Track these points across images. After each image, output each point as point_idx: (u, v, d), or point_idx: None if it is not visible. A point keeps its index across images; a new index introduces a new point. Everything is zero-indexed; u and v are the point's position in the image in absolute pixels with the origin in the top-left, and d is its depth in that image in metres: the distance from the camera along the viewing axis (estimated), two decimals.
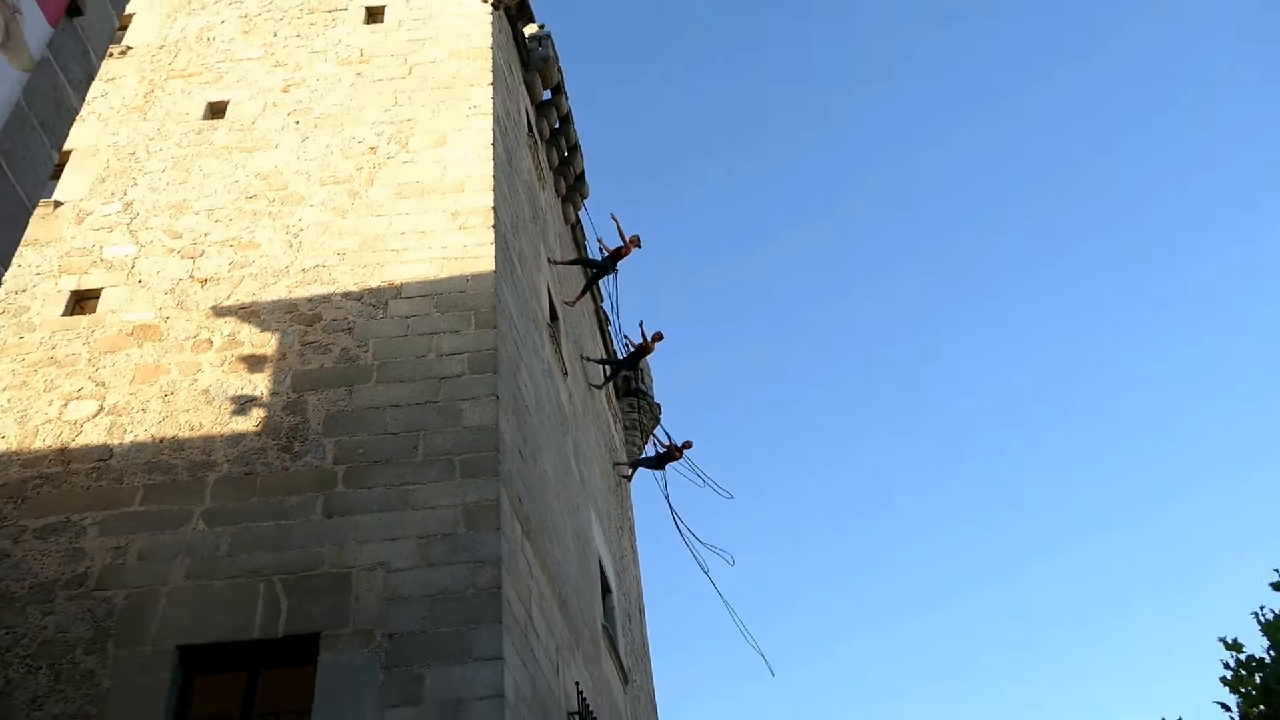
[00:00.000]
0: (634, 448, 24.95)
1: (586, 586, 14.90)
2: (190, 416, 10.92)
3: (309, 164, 13.78)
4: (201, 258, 12.58)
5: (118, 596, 9.47)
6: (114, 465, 10.53)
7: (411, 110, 14.56)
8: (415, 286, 12.11)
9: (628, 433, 24.81)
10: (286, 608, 9.30)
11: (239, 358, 11.44)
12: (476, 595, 9.35)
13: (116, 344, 11.67)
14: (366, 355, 11.41)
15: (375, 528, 9.88)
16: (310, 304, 11.96)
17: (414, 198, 13.22)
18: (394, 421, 10.79)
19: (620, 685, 16.50)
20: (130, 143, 14.24)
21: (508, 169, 14.87)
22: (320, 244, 12.67)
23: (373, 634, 9.06)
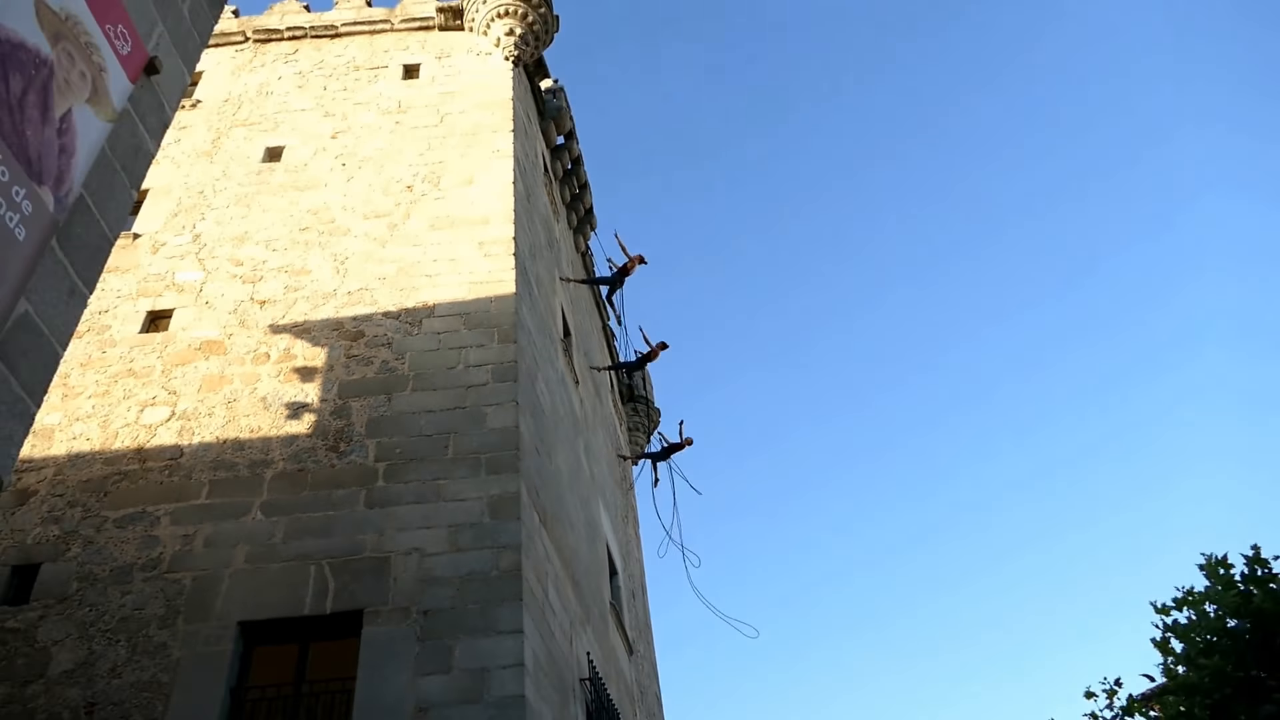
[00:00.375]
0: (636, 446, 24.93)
1: (596, 569, 14.82)
2: (250, 420, 10.87)
3: (354, 200, 13.74)
4: (260, 282, 12.54)
5: (186, 578, 9.42)
6: (184, 463, 10.48)
7: (443, 153, 14.52)
8: (446, 307, 12.06)
9: (631, 434, 24.77)
10: (334, 588, 9.24)
11: (293, 369, 11.40)
12: (500, 576, 9.29)
13: (186, 357, 11.63)
14: (403, 367, 11.36)
15: (411, 517, 9.83)
16: (355, 322, 11.92)
17: (445, 230, 13.17)
18: (427, 424, 10.74)
19: (626, 655, 16.41)
20: (199, 183, 14.21)
21: (526, 204, 14.83)
22: (363, 270, 12.62)
23: (409, 611, 9.01)
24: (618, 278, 19.46)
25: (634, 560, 21.34)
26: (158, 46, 6.45)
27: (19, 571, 9.64)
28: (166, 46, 6.61)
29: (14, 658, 8.93)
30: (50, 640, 9.04)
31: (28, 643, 9.03)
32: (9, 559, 9.71)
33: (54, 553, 9.74)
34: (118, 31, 5.77)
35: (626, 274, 19.30)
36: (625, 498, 22.36)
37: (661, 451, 22.15)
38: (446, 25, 17.27)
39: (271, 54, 17.02)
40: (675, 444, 22.02)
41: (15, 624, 9.18)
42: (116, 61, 5.75)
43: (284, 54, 16.99)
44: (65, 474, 10.43)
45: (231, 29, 17.22)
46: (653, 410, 25.47)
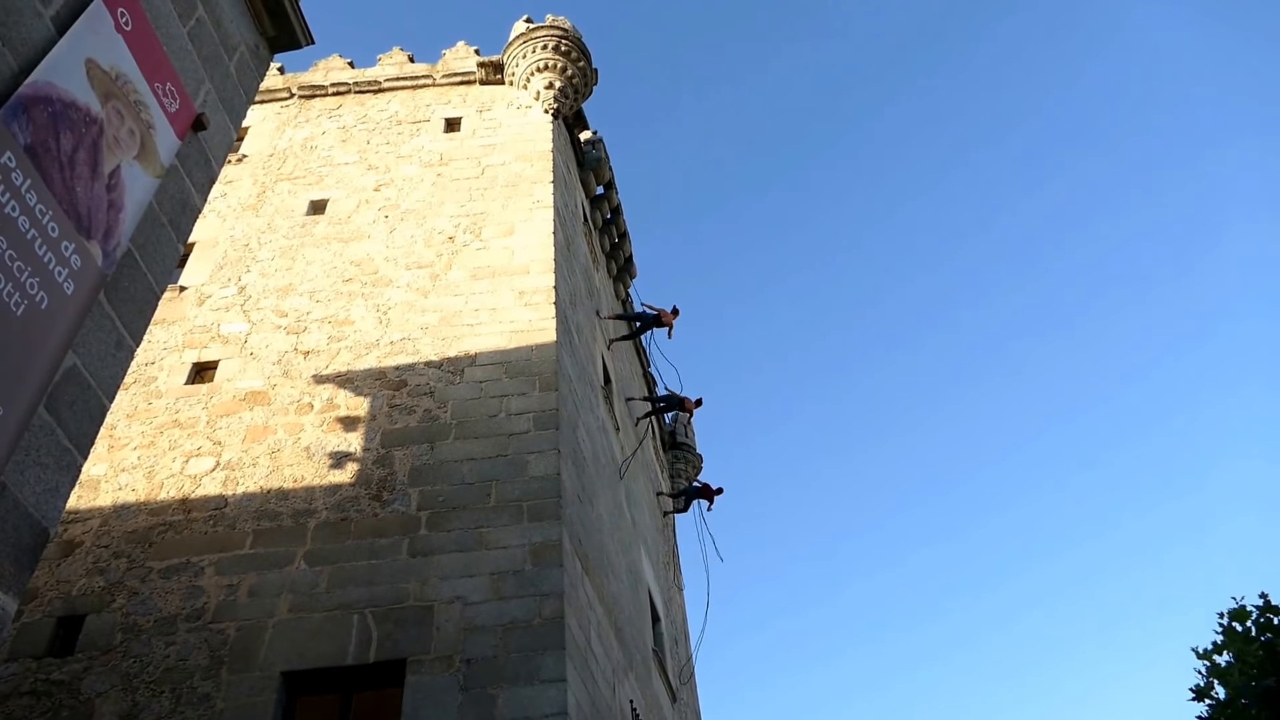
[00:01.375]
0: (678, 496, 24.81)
1: (638, 615, 14.71)
2: (294, 470, 10.90)
3: (396, 251, 13.84)
4: (304, 333, 12.63)
5: (230, 628, 9.41)
6: (228, 513, 10.51)
7: (484, 205, 14.61)
8: (487, 356, 12.09)
9: (674, 481, 24.67)
10: (377, 637, 9.20)
11: (336, 419, 11.43)
12: (542, 624, 9.23)
13: (231, 408, 11.70)
14: (446, 415, 11.37)
15: (454, 566, 9.79)
16: (397, 372, 11.96)
17: (486, 279, 13.23)
18: (469, 473, 10.72)
19: (669, 701, 16.24)
20: (245, 236, 14.37)
21: (566, 254, 14.89)
22: (406, 320, 12.68)
23: (452, 659, 8.95)
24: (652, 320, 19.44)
25: (676, 606, 21.17)
26: (205, 104, 6.54)
27: (64, 623, 9.67)
28: (214, 103, 6.70)
29: (59, 710, 8.93)
30: (94, 692, 9.04)
31: (72, 695, 9.04)
32: (54, 611, 9.74)
33: (99, 604, 9.77)
34: (166, 89, 5.86)
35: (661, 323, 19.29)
36: (668, 544, 22.23)
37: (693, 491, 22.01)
38: (487, 80, 17.45)
39: (316, 109, 17.25)
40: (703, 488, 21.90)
41: (60, 676, 9.19)
42: (165, 119, 5.83)
43: (328, 109, 17.21)
44: (110, 525, 10.49)
45: (277, 85, 17.47)
46: (694, 457, 25.35)
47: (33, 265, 4.49)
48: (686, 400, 20.51)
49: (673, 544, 23.79)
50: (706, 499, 21.79)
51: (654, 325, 19.38)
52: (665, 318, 19.16)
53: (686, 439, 25.22)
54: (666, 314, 19.16)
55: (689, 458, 25.06)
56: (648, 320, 19.44)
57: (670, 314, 19.15)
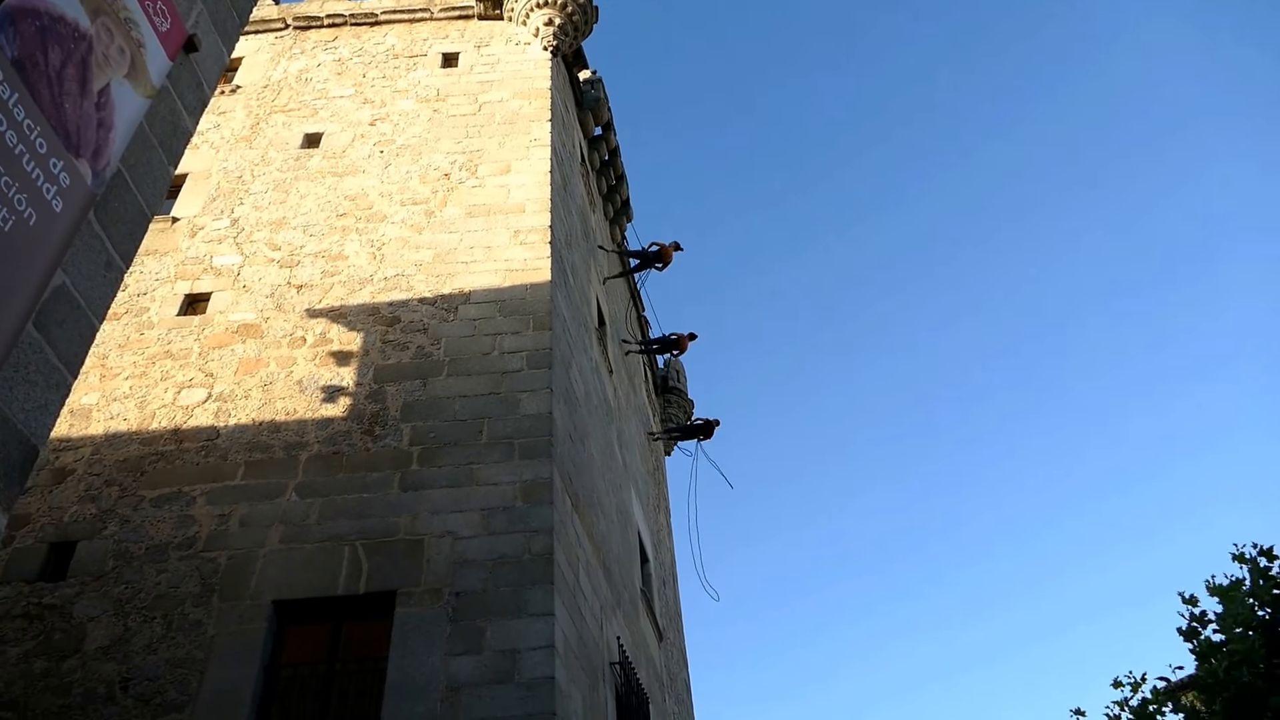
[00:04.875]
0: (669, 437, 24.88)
1: (627, 555, 14.79)
2: (286, 403, 10.89)
3: (391, 187, 13.75)
4: (297, 267, 12.57)
5: (222, 557, 9.45)
6: (220, 445, 10.51)
7: (480, 142, 14.49)
8: (482, 294, 12.05)
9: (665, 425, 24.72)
10: (367, 569, 9.25)
11: (329, 353, 11.41)
12: (531, 560, 9.28)
13: (223, 340, 11.66)
14: (439, 352, 11.35)
15: (444, 501, 9.82)
16: (391, 308, 11.92)
17: (481, 217, 13.15)
18: (462, 410, 10.73)
19: (656, 641, 16.38)
20: (238, 168, 14.25)
21: (563, 194, 14.80)
22: (400, 256, 12.62)
23: (441, 592, 9.00)
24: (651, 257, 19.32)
25: (665, 548, 21.29)
26: (197, 24, 6.45)
27: (56, 549, 9.71)
28: (205, 25, 6.60)
29: (51, 633, 8.99)
30: (86, 616, 9.09)
31: (64, 619, 9.09)
32: (46, 536, 9.77)
33: (91, 531, 9.80)
34: (157, 8, 5.76)
35: (661, 258, 19.17)
36: (658, 487, 22.32)
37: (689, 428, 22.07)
38: (486, 14, 17.24)
39: (311, 41, 17.04)
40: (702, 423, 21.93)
41: (52, 600, 9.24)
42: (155, 38, 5.74)
43: (324, 41, 17.01)
44: (102, 453, 10.49)
45: (272, 15, 17.25)
46: (686, 402, 25.40)
47: (20, 181, 4.43)
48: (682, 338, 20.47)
49: (663, 487, 23.88)
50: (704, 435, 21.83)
51: (654, 262, 19.29)
52: (666, 252, 19.07)
53: (679, 384, 25.25)
54: (668, 248, 19.07)
55: (681, 402, 25.12)
56: (647, 257, 19.35)
57: (672, 247, 19.07)
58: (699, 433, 21.85)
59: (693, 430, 22.02)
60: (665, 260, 19.03)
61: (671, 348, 20.68)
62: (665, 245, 19.04)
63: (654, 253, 19.16)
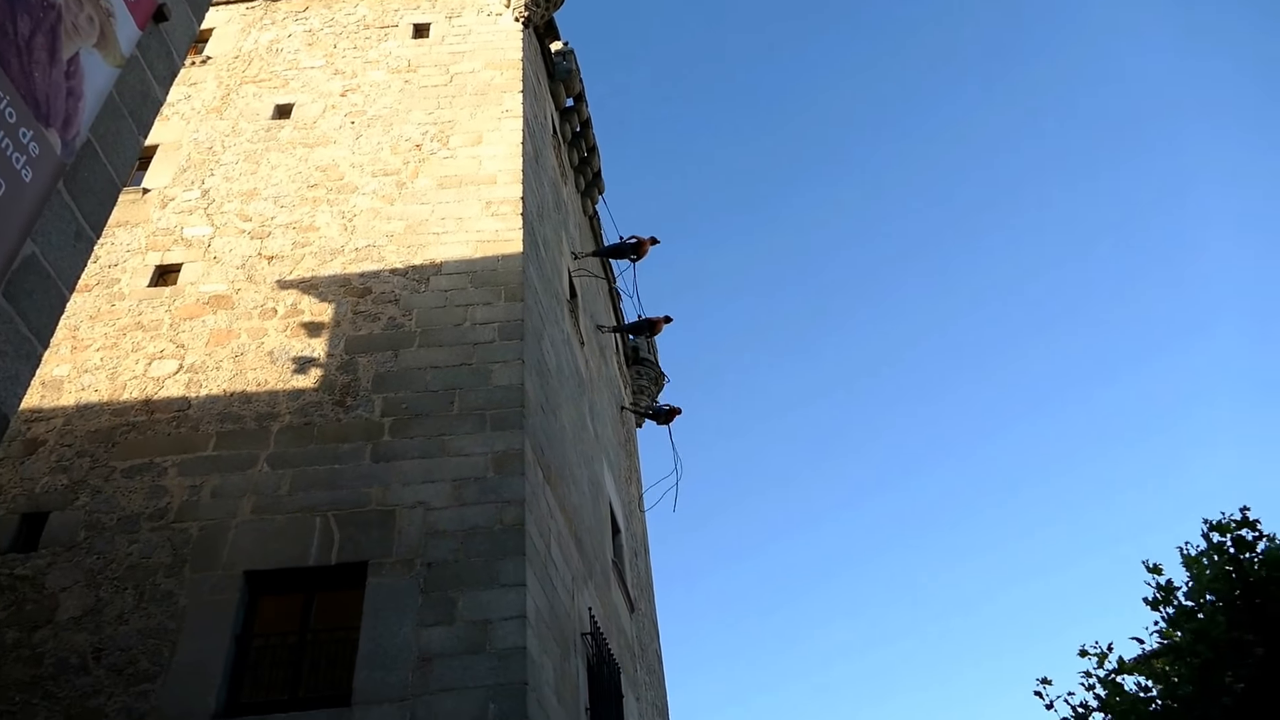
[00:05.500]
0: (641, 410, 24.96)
1: (598, 526, 14.86)
2: (257, 374, 10.88)
3: (362, 158, 13.70)
4: (268, 238, 12.52)
5: (193, 528, 9.46)
6: (191, 415, 10.50)
7: (452, 113, 14.45)
8: (453, 265, 12.05)
9: (636, 398, 24.76)
10: (339, 539, 9.28)
11: (300, 324, 11.39)
12: (503, 531, 9.33)
13: (194, 311, 11.62)
14: (410, 323, 11.36)
15: (416, 472, 9.86)
16: (362, 279, 11.90)
17: (453, 188, 13.13)
18: (433, 381, 10.75)
19: (628, 612, 16.48)
20: (208, 139, 14.16)
21: (535, 165, 14.78)
22: (371, 227, 12.60)
23: (413, 563, 9.05)
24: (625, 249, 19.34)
25: (637, 520, 21.38)
26: None
27: (28, 519, 9.68)
28: None
29: (22, 604, 8.98)
30: (58, 587, 9.09)
31: (36, 589, 9.08)
32: (18, 507, 9.75)
33: (62, 501, 9.78)
34: None
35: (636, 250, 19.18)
36: (629, 459, 22.39)
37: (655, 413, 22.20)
38: None
39: (282, 11, 16.91)
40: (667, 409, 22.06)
41: (24, 571, 9.23)
42: (124, 7, 5.72)
43: (294, 11, 16.88)
44: (74, 424, 10.45)
45: None
46: (657, 373, 25.42)
47: None
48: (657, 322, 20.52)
49: (635, 459, 23.95)
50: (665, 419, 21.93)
51: (629, 253, 19.28)
52: (643, 245, 19.05)
53: (649, 355, 25.26)
54: (644, 241, 19.05)
55: (652, 374, 25.13)
56: (624, 248, 19.33)
57: (648, 241, 19.05)
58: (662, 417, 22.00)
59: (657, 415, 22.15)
60: (640, 253, 19.04)
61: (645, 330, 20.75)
62: (642, 239, 19.03)
63: (631, 244, 19.15)
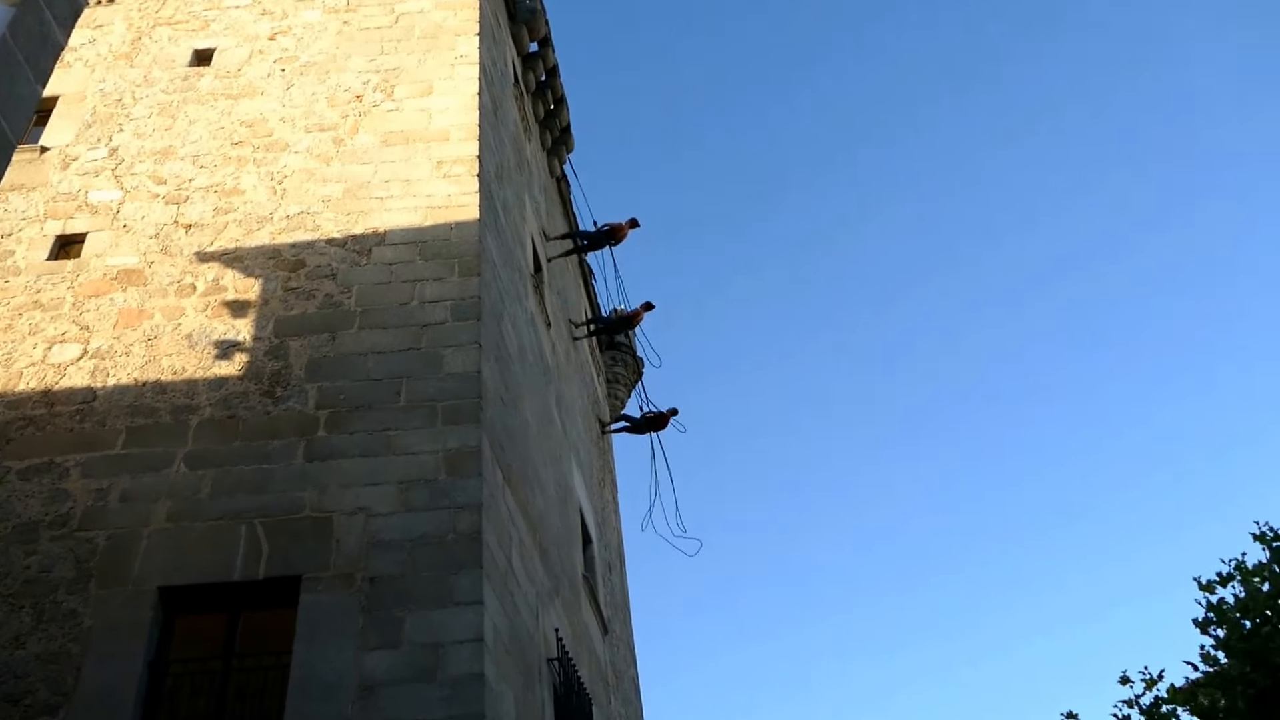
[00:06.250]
0: (616, 401, 24.92)
1: (567, 536, 14.94)
2: (173, 360, 10.89)
3: (294, 111, 13.70)
4: (186, 203, 12.52)
5: (100, 537, 9.48)
6: (97, 408, 10.50)
7: (397, 59, 14.45)
8: (399, 234, 12.07)
9: (610, 386, 24.83)
10: (267, 550, 9.31)
11: (222, 303, 11.40)
12: (457, 540, 9.37)
13: (101, 288, 11.62)
14: (350, 301, 11.38)
15: (357, 473, 9.89)
16: (294, 250, 11.92)
17: (399, 146, 13.15)
18: (376, 368, 10.78)
19: (600, 634, 16.58)
20: (117, 89, 14.12)
21: (493, 119, 14.79)
22: (305, 191, 12.61)
23: (353, 578, 9.09)
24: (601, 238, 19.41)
25: (611, 529, 21.49)
26: None
27: None
28: None
29: None
30: None
31: None
32: None
33: None
34: None
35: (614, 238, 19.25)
36: (603, 458, 22.47)
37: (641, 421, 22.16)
38: None
39: None
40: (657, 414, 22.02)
41: None
42: None
43: None
44: None
45: None
46: (636, 360, 25.43)
47: None
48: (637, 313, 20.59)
49: (609, 459, 24.03)
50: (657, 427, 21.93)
51: (605, 241, 19.35)
52: (619, 230, 19.07)
53: (625, 339, 25.27)
54: (622, 225, 19.08)
55: (627, 360, 25.16)
56: (598, 237, 19.38)
57: (627, 225, 19.08)
58: (652, 425, 21.96)
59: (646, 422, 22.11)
60: (618, 238, 19.11)
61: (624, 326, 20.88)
62: (620, 224, 19.08)
63: (604, 232, 19.20)
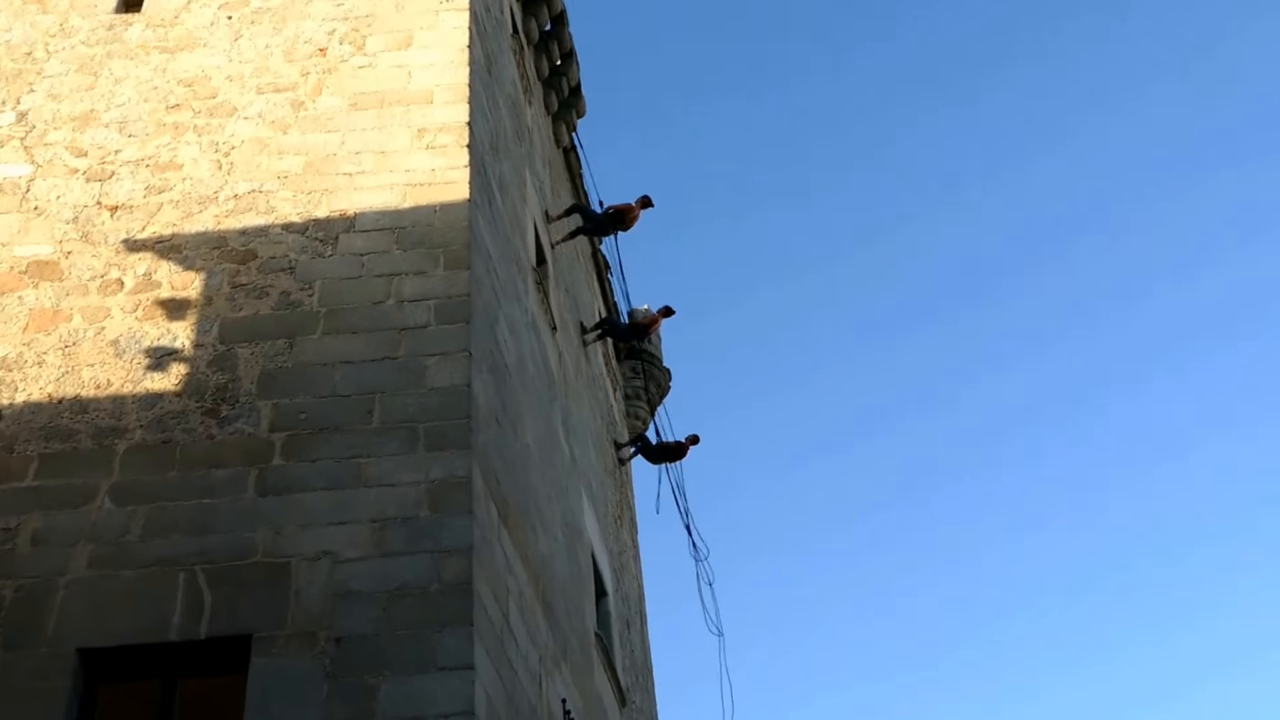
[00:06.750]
0: (637, 421, 24.80)
1: (577, 586, 14.87)
2: (96, 372, 10.82)
3: (243, 68, 13.65)
4: (111, 180, 12.47)
5: (6, 589, 9.40)
6: (3, 431, 10.45)
7: (369, 4, 14.38)
8: (372, 218, 12.02)
9: (629, 403, 24.73)
10: (211, 604, 9.22)
11: (156, 302, 11.35)
12: (442, 592, 9.28)
13: (7, 284, 11.57)
14: (311, 300, 11.32)
15: (320, 509, 9.80)
16: (243, 237, 11.86)
17: (371, 110, 13.11)
18: (344, 381, 10.71)
19: (616, 705, 16.50)
20: (27, 40, 14.09)
21: (486, 77, 14.74)
22: (256, 165, 12.56)
23: (316, 637, 8.99)
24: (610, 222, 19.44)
25: (630, 578, 21.44)
26: None
27: None
28: None
29: None
30: None
31: None
32: None
33: None
34: None
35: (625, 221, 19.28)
36: (620, 491, 22.41)
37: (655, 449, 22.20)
38: None
39: None
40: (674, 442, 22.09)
41: None
42: None
43: None
44: None
45: None
46: (661, 372, 25.33)
47: None
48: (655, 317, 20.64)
49: (628, 492, 23.96)
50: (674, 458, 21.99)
51: (613, 227, 19.39)
52: (628, 213, 19.10)
53: (650, 345, 25.16)
54: (632, 206, 19.10)
55: (653, 372, 25.07)
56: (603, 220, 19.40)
57: (638, 205, 19.09)
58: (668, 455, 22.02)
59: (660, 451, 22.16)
60: (627, 223, 19.15)
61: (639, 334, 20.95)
62: (628, 205, 19.10)
63: (609, 215, 19.24)
